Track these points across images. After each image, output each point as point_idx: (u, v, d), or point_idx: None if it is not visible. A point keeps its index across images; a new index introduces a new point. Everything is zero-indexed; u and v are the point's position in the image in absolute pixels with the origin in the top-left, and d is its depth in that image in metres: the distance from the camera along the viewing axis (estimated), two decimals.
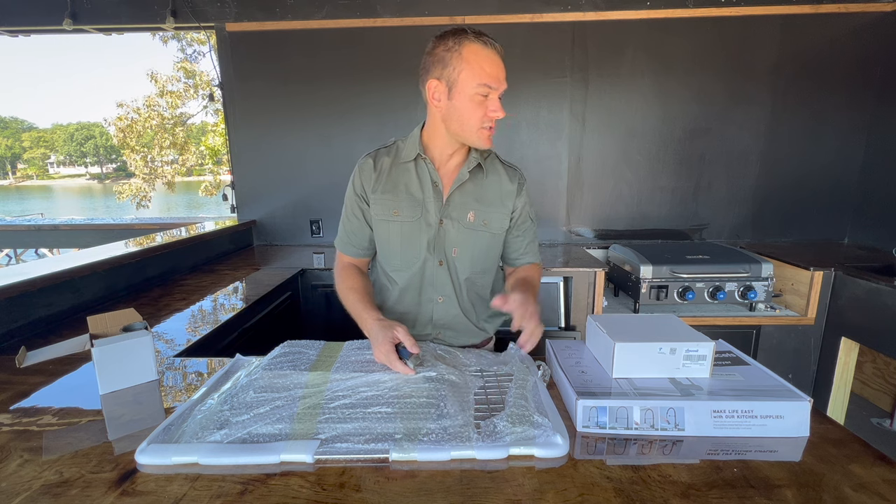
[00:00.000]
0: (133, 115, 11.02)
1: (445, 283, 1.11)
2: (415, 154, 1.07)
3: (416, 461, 0.65)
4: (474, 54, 0.93)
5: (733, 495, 0.58)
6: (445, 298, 1.12)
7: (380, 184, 1.08)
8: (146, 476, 0.63)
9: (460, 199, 1.08)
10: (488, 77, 0.93)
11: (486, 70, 0.93)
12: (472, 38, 0.93)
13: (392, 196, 1.07)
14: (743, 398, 0.71)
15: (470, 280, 1.12)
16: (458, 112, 0.97)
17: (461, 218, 1.08)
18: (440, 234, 1.08)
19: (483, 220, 1.09)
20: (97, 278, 1.56)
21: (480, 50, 0.93)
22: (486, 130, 0.99)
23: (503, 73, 0.96)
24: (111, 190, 19.21)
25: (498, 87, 0.95)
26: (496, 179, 1.11)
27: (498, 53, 0.95)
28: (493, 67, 0.94)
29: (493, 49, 0.94)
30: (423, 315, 1.13)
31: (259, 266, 2.18)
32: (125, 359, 0.89)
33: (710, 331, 1.39)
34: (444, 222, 1.07)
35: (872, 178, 2.47)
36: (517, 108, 2.55)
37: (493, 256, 1.15)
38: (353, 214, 1.12)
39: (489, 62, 0.93)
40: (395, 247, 1.09)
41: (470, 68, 0.93)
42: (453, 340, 1.15)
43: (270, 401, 0.77)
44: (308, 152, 2.64)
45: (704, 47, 2.45)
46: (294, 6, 2.47)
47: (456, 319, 1.14)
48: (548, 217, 2.67)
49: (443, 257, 1.09)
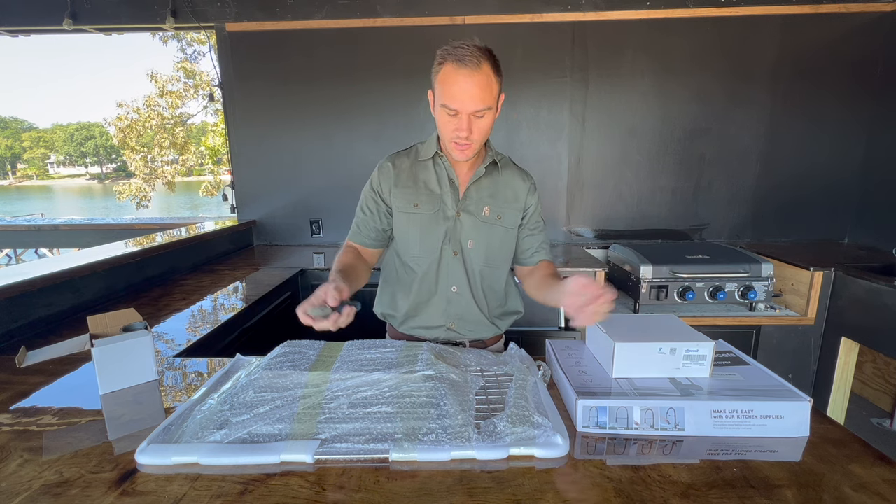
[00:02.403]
0: (133, 115, 11.01)
1: (459, 273, 1.16)
2: (433, 152, 1.13)
3: (416, 461, 0.65)
4: (447, 75, 0.97)
5: (733, 495, 0.58)
6: (459, 288, 1.16)
7: (400, 180, 1.15)
8: (146, 476, 0.63)
9: (476, 193, 1.14)
10: (450, 99, 0.97)
11: (449, 92, 0.97)
12: (452, 60, 0.96)
13: (413, 190, 1.14)
14: (743, 398, 0.71)
15: (483, 273, 1.17)
16: (437, 121, 1.06)
17: (477, 212, 1.14)
18: (457, 227, 1.14)
19: (497, 215, 1.15)
20: (97, 278, 1.56)
21: (453, 72, 0.96)
22: (456, 144, 1.03)
23: (471, 96, 0.96)
24: (111, 190, 19.22)
25: (459, 110, 0.97)
26: (510, 177, 1.18)
27: (474, 75, 0.95)
28: (459, 91, 0.96)
29: (470, 71, 0.95)
30: (438, 305, 1.18)
31: (259, 266, 2.18)
32: (125, 359, 0.89)
33: (710, 331, 1.39)
34: (462, 215, 1.13)
35: (872, 178, 2.47)
36: (517, 108, 2.55)
37: (507, 251, 1.19)
38: (367, 207, 1.18)
39: (456, 86, 0.96)
40: (414, 237, 1.15)
41: (440, 88, 0.99)
42: (466, 332, 1.19)
43: (270, 401, 0.77)
44: (308, 152, 2.64)
45: (704, 47, 2.45)
46: (294, 6, 2.47)
47: (468, 310, 1.18)
48: (548, 217, 2.64)
49: (458, 248, 1.15)
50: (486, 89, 0.97)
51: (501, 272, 1.20)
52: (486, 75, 0.96)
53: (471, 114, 0.98)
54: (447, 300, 1.17)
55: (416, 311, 1.19)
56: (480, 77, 0.95)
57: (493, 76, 0.98)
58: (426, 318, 1.19)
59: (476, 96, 0.96)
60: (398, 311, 1.22)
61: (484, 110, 0.98)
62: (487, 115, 1.00)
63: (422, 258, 1.16)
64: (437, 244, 1.14)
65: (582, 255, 2.34)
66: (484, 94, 0.97)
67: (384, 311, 1.26)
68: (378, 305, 1.28)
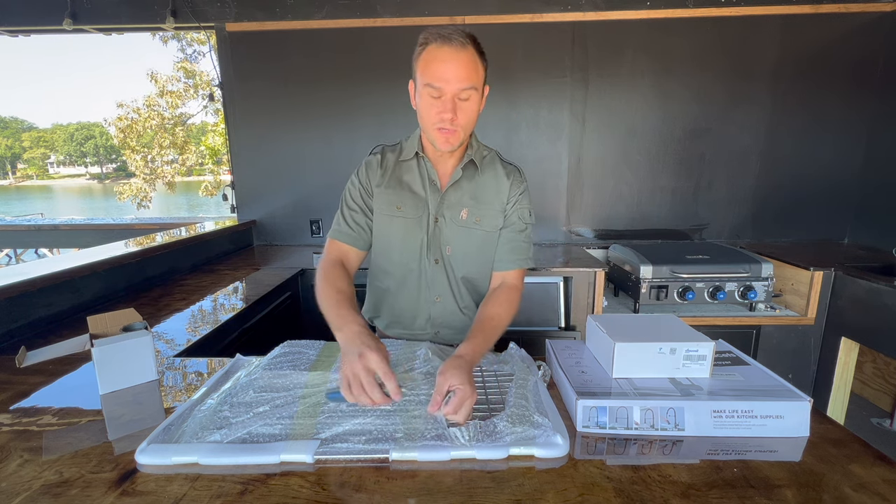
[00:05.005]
0: (133, 115, 11.02)
1: (442, 281, 1.10)
2: (414, 152, 1.07)
3: (416, 461, 0.65)
4: (431, 54, 0.92)
5: (733, 495, 0.58)
6: (443, 297, 1.11)
7: (385, 179, 1.09)
8: (146, 476, 0.63)
9: (455, 196, 1.08)
10: (433, 77, 0.91)
11: (431, 69, 0.91)
12: (436, 39, 0.91)
13: (396, 191, 1.08)
14: (743, 398, 0.71)
15: (466, 279, 1.12)
16: (419, 112, 0.99)
17: (454, 216, 1.08)
18: (435, 232, 1.08)
19: (476, 218, 1.08)
20: (97, 278, 1.56)
21: (437, 49, 0.91)
22: (439, 131, 0.96)
23: (456, 73, 0.91)
24: (111, 190, 19.22)
25: (443, 88, 0.92)
26: (493, 177, 1.10)
27: (460, 53, 0.91)
28: (443, 67, 0.90)
29: (455, 48, 0.90)
30: (421, 313, 1.13)
31: (259, 266, 2.18)
32: (125, 359, 0.89)
33: (710, 331, 1.39)
34: (439, 220, 1.07)
35: (872, 178, 2.47)
36: (517, 108, 2.55)
37: (488, 254, 1.12)
38: (353, 200, 1.10)
39: (440, 62, 0.91)
40: (395, 242, 1.09)
41: (423, 68, 0.93)
42: (453, 339, 1.14)
43: (270, 400, 0.77)
44: (308, 152, 2.64)
45: (704, 47, 2.45)
46: (294, 6, 2.47)
47: (454, 318, 1.13)
48: (548, 217, 2.67)
49: (438, 256, 1.09)
50: (472, 68, 0.92)
51: (485, 276, 1.13)
52: (470, 54, 0.92)
53: (455, 95, 0.92)
54: (430, 310, 1.12)
55: (399, 319, 1.15)
56: (466, 55, 0.91)
57: (477, 58, 0.93)
58: (410, 326, 1.14)
59: (461, 75, 0.91)
60: (382, 320, 1.18)
61: (469, 90, 0.93)
62: (473, 99, 0.95)
63: (402, 265, 1.10)
64: (416, 251, 1.08)
65: (582, 255, 2.34)
66: (469, 72, 0.92)
67: (370, 317, 1.22)
68: (365, 309, 1.23)
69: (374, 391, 0.71)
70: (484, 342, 0.93)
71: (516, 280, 1.10)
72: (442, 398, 0.74)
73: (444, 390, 0.74)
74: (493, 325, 0.98)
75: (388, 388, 0.68)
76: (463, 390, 0.73)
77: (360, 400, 0.70)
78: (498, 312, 1.01)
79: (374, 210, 1.09)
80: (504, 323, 1.01)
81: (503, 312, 1.02)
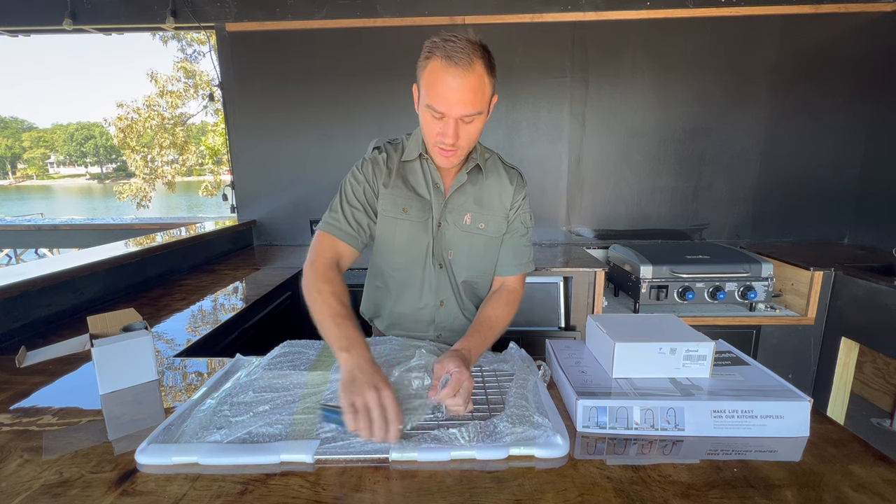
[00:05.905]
0: (133, 115, 11.02)
1: (445, 286, 1.09)
2: (417, 153, 1.04)
3: (416, 461, 0.65)
4: (433, 73, 0.85)
5: (733, 495, 0.58)
6: (446, 301, 1.11)
7: (391, 179, 1.04)
8: (146, 476, 0.63)
9: (459, 200, 1.06)
10: (435, 100, 0.86)
11: (435, 93, 0.86)
12: (441, 56, 0.84)
13: (402, 193, 1.04)
14: (743, 398, 0.71)
15: (468, 283, 1.11)
16: (421, 121, 0.95)
17: (458, 220, 1.06)
18: (438, 237, 1.06)
19: (479, 223, 1.07)
20: (97, 278, 1.56)
21: (441, 70, 0.84)
22: (438, 149, 0.93)
23: (461, 99, 0.85)
24: (111, 190, 19.21)
25: (446, 114, 0.87)
26: (496, 181, 1.08)
27: (466, 76, 0.84)
28: (447, 92, 0.85)
29: (460, 71, 0.83)
30: (424, 317, 1.12)
31: (259, 266, 2.18)
32: (125, 359, 0.89)
33: (710, 331, 1.39)
34: (442, 224, 1.06)
35: (872, 179, 2.47)
36: (517, 108, 2.55)
37: (490, 259, 1.11)
38: (356, 198, 1.03)
39: (444, 87, 0.85)
40: (399, 245, 1.06)
41: (426, 86, 0.88)
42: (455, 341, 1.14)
43: (270, 400, 0.77)
44: (308, 152, 2.64)
45: (704, 47, 2.45)
46: (294, 6, 2.47)
47: (457, 322, 1.13)
48: (548, 217, 2.67)
49: (442, 260, 1.08)
50: (478, 92, 0.86)
51: (486, 282, 1.13)
52: (478, 76, 0.85)
53: (458, 118, 0.87)
54: (434, 314, 1.11)
55: (400, 321, 1.14)
56: (472, 78, 0.84)
57: (485, 77, 0.86)
58: (412, 328, 1.13)
59: (465, 100, 0.85)
60: (382, 321, 1.17)
61: (473, 115, 0.88)
62: (477, 121, 0.90)
63: (405, 268, 1.08)
64: (421, 255, 1.06)
65: (582, 255, 2.34)
66: (475, 97, 0.85)
67: (369, 317, 1.21)
68: (363, 309, 1.21)
69: (380, 432, 0.67)
70: (481, 341, 0.94)
71: (517, 283, 1.11)
72: (438, 383, 0.77)
73: (441, 376, 0.77)
74: (491, 326, 0.98)
75: (390, 430, 0.67)
76: (459, 373, 0.76)
77: (362, 433, 0.68)
78: (497, 314, 1.02)
79: (377, 211, 1.05)
80: (503, 324, 1.01)
81: (502, 314, 1.02)
